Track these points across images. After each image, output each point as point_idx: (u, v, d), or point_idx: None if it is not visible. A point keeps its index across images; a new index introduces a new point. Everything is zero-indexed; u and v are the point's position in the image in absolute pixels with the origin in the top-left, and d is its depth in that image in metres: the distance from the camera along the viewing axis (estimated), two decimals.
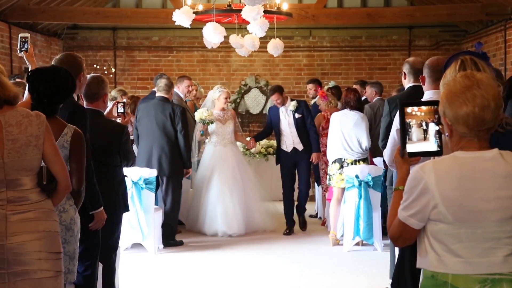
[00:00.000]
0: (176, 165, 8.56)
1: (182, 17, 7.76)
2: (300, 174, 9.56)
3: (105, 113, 5.89)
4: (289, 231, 9.36)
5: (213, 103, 9.48)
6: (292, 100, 9.50)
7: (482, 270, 2.71)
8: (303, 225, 9.58)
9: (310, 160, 9.36)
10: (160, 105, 8.52)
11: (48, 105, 4.04)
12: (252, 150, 10.76)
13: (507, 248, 2.70)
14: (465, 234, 2.72)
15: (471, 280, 2.71)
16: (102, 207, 4.82)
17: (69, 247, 4.23)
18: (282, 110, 9.35)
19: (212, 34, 8.02)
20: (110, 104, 6.80)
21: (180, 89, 9.43)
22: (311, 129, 9.30)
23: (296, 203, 9.63)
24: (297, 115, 9.27)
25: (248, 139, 10.12)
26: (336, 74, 13.80)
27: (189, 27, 8.24)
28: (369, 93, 9.94)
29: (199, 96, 10.91)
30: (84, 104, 5.25)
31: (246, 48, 9.58)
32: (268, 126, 9.85)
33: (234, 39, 9.42)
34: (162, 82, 8.65)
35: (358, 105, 8.53)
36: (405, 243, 2.92)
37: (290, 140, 9.33)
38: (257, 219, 9.53)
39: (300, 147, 9.30)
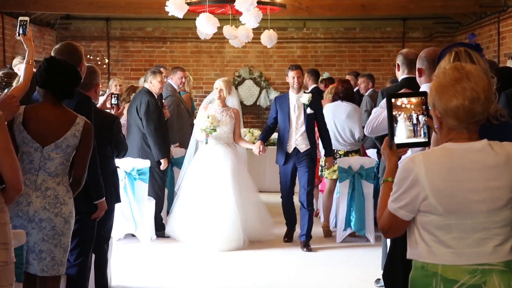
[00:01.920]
0: (147, 157, 8.25)
1: (176, 8, 7.74)
2: (301, 180, 8.05)
3: (98, 104, 5.90)
4: (288, 238, 8.29)
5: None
6: (305, 92, 8.30)
7: (472, 260, 2.71)
8: (307, 246, 7.95)
9: (322, 164, 8.48)
10: (136, 96, 8.56)
11: (61, 94, 4.18)
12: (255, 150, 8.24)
13: (496, 239, 2.70)
14: (455, 225, 2.72)
15: (460, 271, 2.71)
16: (104, 197, 4.88)
17: (64, 240, 4.27)
18: (291, 100, 8.00)
19: (206, 25, 8.01)
20: (104, 95, 6.83)
21: (173, 80, 9.40)
22: (324, 129, 8.06)
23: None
24: (309, 111, 7.88)
25: (253, 147, 8.31)
26: (330, 66, 13.82)
27: (182, 17, 8.21)
28: (364, 84, 9.95)
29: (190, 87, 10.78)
30: None
31: (240, 39, 9.57)
32: (273, 120, 8.26)
33: (228, 30, 9.40)
34: (147, 73, 8.64)
35: (348, 96, 8.52)
36: (395, 234, 2.91)
37: (293, 139, 7.95)
38: (251, 231, 8.16)
39: (303, 148, 7.93)
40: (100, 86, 5.79)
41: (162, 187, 8.60)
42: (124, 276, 6.70)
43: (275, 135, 9.33)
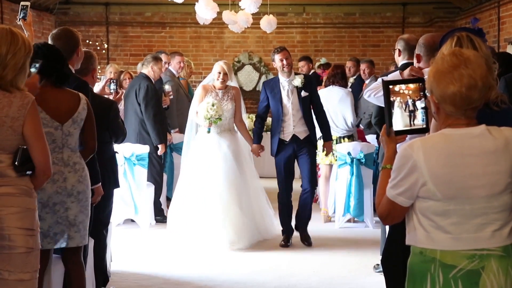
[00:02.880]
0: (145, 143, 8.26)
1: None
2: (303, 169, 7.40)
3: (97, 90, 5.91)
4: (285, 242, 7.40)
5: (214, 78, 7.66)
6: (296, 73, 7.55)
7: (470, 245, 2.72)
8: (307, 239, 7.47)
9: (322, 150, 7.98)
10: (134, 81, 8.57)
11: (58, 76, 4.31)
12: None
13: (495, 224, 2.71)
14: (454, 211, 2.72)
15: (459, 256, 2.72)
16: (101, 183, 4.91)
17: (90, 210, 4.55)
18: (283, 85, 7.25)
19: (205, 10, 8.01)
20: (103, 81, 6.80)
21: (172, 66, 9.38)
22: (321, 112, 7.50)
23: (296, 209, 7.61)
24: (303, 93, 7.22)
25: (250, 143, 7.71)
26: (329, 51, 13.82)
27: (181, 2, 8.17)
28: (369, 70, 9.93)
29: (191, 72, 10.76)
30: None
31: (239, 25, 9.59)
32: (264, 109, 7.53)
33: (227, 15, 9.40)
34: (146, 58, 8.63)
35: (340, 81, 8.50)
36: (394, 221, 2.92)
37: (291, 126, 7.24)
38: (257, 228, 7.60)
39: (302, 135, 7.26)
40: (100, 71, 5.78)
41: (161, 173, 8.60)
42: (123, 261, 6.73)
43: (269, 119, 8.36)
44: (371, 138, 8.91)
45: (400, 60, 5.86)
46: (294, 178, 7.59)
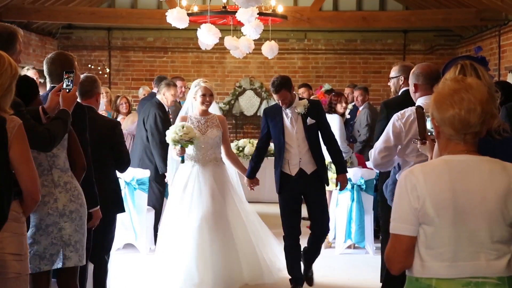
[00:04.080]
0: (147, 168, 8.23)
1: (176, 19, 7.76)
2: (312, 207, 6.46)
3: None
4: None
5: (192, 104, 6.80)
6: (301, 98, 6.69)
7: (466, 273, 2.72)
8: (310, 281, 6.61)
9: (335, 187, 7.23)
10: (146, 107, 8.56)
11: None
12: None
13: (491, 253, 2.70)
14: (450, 238, 2.72)
15: (454, 283, 2.72)
16: (103, 206, 4.88)
17: (86, 229, 4.48)
18: (286, 112, 6.31)
19: (207, 36, 8.02)
20: (103, 102, 6.80)
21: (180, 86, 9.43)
22: (332, 140, 6.54)
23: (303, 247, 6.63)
24: (309, 121, 6.26)
25: (243, 175, 6.88)
26: (330, 77, 13.88)
27: (183, 28, 8.23)
28: (362, 97, 9.95)
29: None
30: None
31: (241, 50, 9.61)
32: (264, 139, 6.61)
33: (229, 41, 9.44)
34: (161, 84, 8.64)
35: (327, 108, 8.53)
36: (401, 263, 2.81)
37: (297, 158, 6.27)
38: (243, 271, 6.63)
39: (310, 168, 6.30)
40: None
41: (161, 199, 8.54)
42: (123, 286, 6.73)
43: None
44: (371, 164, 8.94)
45: (403, 87, 5.85)
46: (301, 219, 6.68)
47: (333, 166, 6.69)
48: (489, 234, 2.70)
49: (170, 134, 6.40)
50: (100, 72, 13.50)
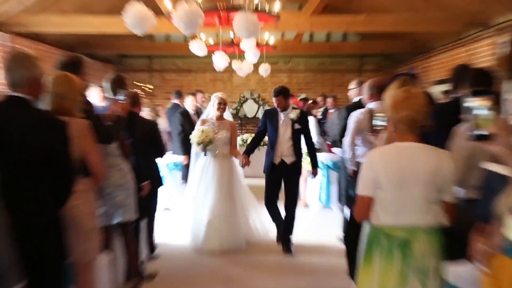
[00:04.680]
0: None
1: (198, 48, 7.78)
2: (288, 187, 6.15)
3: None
4: (279, 237, 6.42)
5: (211, 110, 6.56)
6: (294, 108, 6.34)
7: (405, 223, 2.74)
8: (288, 249, 6.17)
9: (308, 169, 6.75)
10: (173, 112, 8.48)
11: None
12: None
13: (423, 210, 2.73)
14: (396, 199, 2.73)
15: (396, 229, 2.74)
16: (149, 181, 5.06)
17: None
18: (281, 116, 6.12)
19: (220, 60, 7.99)
20: (146, 109, 6.76)
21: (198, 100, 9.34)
22: (311, 144, 6.28)
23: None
24: (296, 126, 6.09)
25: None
26: (308, 89, 13.69)
27: (203, 55, 8.29)
28: (333, 104, 9.88)
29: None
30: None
31: (244, 71, 9.56)
32: (260, 133, 6.37)
33: (235, 64, 9.38)
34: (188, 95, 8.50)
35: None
36: (364, 213, 2.81)
37: (280, 151, 6.09)
38: (244, 235, 6.43)
39: (289, 160, 6.09)
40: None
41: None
42: (164, 236, 6.63)
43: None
44: (337, 150, 9.04)
45: (358, 97, 5.81)
46: (280, 191, 6.29)
47: (308, 157, 6.35)
48: (423, 197, 2.72)
49: (194, 138, 6.19)
50: (146, 88, 13.48)
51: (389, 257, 2.74)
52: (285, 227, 6.20)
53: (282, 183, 6.23)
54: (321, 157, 8.24)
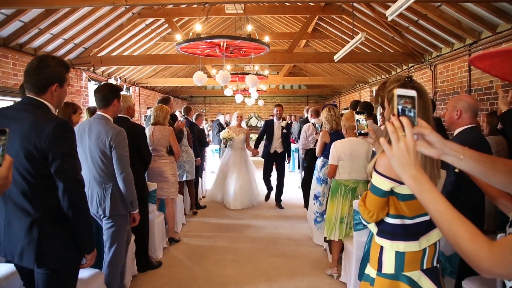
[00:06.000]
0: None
1: (228, 92, 7.56)
2: (278, 168, 5.33)
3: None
4: (266, 199, 5.51)
5: (233, 121, 5.62)
6: (283, 119, 5.57)
7: (353, 178, 2.66)
8: (279, 205, 5.31)
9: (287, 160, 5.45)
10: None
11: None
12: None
13: (363, 171, 2.65)
14: (348, 165, 2.65)
15: (348, 181, 2.65)
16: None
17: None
18: (276, 125, 5.30)
19: (238, 97, 7.87)
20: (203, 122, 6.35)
21: (222, 119, 7.81)
22: (289, 142, 5.42)
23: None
24: (284, 131, 5.32)
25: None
26: (283, 113, 13.26)
27: (230, 95, 8.01)
28: (294, 119, 9.44)
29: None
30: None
31: (250, 102, 9.41)
32: (262, 134, 5.43)
33: (246, 100, 9.18)
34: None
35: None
36: (332, 174, 2.71)
37: (274, 145, 5.29)
38: (255, 196, 5.48)
39: (279, 150, 5.28)
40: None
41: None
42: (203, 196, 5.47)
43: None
44: (297, 144, 8.71)
45: (306, 115, 5.52)
46: (272, 170, 5.39)
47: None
48: (361, 166, 2.61)
49: (223, 135, 5.35)
50: (200, 115, 13.07)
51: (344, 196, 2.66)
52: (277, 191, 5.35)
53: (274, 165, 5.46)
54: (293, 146, 7.81)
